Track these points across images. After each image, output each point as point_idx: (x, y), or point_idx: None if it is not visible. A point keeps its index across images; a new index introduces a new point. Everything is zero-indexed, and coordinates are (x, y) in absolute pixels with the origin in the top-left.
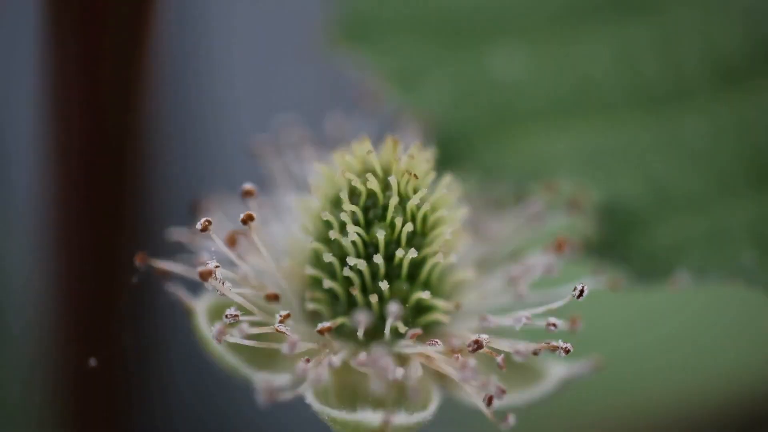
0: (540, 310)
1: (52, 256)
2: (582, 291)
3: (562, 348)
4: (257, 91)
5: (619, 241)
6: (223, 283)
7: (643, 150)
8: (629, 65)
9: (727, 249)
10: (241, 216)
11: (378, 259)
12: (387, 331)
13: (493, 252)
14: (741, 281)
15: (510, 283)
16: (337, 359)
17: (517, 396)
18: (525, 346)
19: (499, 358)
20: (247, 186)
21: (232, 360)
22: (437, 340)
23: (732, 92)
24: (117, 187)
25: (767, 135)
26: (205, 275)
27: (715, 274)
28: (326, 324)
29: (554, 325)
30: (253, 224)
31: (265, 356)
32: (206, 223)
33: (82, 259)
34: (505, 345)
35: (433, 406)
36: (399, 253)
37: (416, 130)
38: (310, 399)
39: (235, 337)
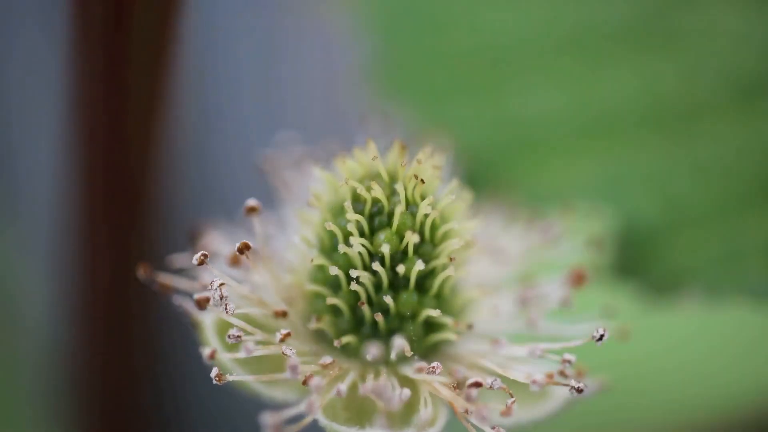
0: (557, 346)
1: (69, 262)
2: (602, 336)
3: (575, 387)
4: (266, 108)
5: (635, 261)
6: (226, 306)
7: (659, 172)
8: (647, 92)
9: (740, 267)
10: (237, 245)
11: (382, 271)
12: (393, 356)
13: (507, 271)
14: (752, 299)
15: (524, 308)
16: (344, 387)
17: (523, 413)
18: (541, 378)
19: (509, 402)
20: (251, 203)
21: (239, 376)
22: (441, 366)
23: (746, 113)
24: (136, 193)
25: None
26: (202, 303)
27: (728, 293)
28: (328, 359)
29: (569, 361)
30: (250, 251)
31: (272, 370)
32: (202, 258)
33: (98, 264)
34: (519, 375)
35: (440, 423)
36: (406, 264)
37: (432, 149)
38: (318, 414)
39: (241, 354)
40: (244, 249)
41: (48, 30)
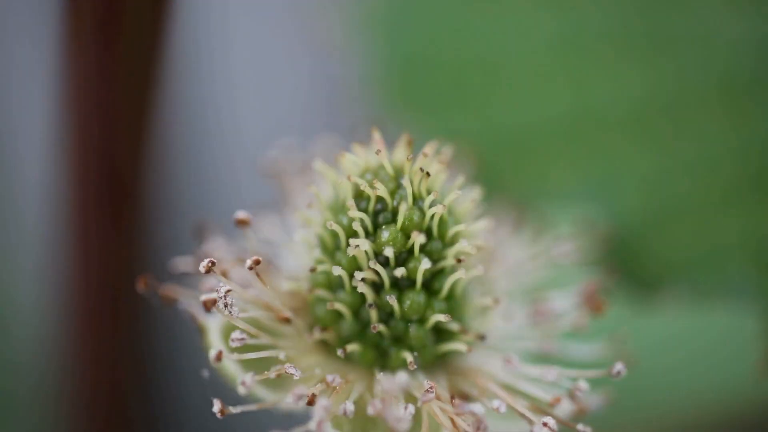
0: (573, 373)
1: (60, 266)
2: (619, 372)
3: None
4: (264, 113)
5: (621, 258)
6: (230, 309)
7: (647, 171)
8: (637, 93)
9: (723, 264)
10: (248, 262)
11: (383, 272)
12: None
13: (516, 283)
14: (735, 297)
15: (535, 323)
16: (351, 405)
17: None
18: (552, 423)
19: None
20: (241, 215)
21: (242, 407)
22: (436, 388)
23: (732, 113)
24: (130, 198)
25: (764, 154)
26: (209, 304)
27: (711, 290)
28: (334, 377)
29: (580, 389)
30: (260, 265)
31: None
32: (209, 265)
33: (90, 269)
34: (528, 413)
35: None
36: (412, 263)
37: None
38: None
39: (244, 357)
40: (254, 265)
41: (39, 30)
